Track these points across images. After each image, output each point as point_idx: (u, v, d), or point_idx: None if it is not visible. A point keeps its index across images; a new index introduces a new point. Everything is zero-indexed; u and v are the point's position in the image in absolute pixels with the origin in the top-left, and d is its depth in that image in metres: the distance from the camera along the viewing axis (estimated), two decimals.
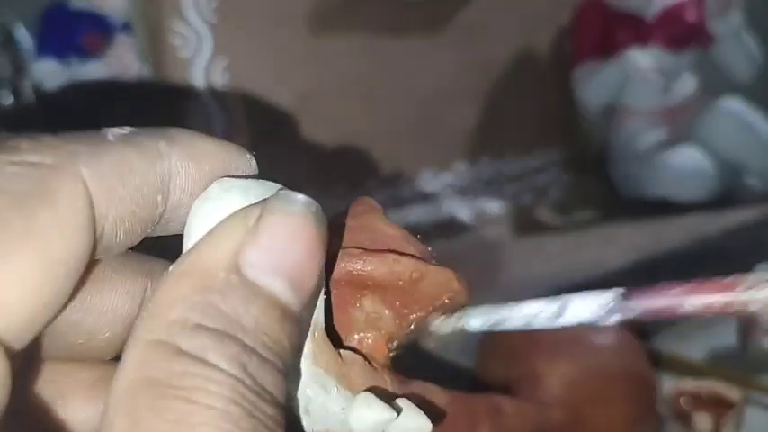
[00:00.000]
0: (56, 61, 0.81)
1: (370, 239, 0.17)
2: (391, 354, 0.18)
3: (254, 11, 0.72)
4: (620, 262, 0.70)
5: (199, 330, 0.11)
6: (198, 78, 0.70)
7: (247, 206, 0.13)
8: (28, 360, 0.13)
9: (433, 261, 0.18)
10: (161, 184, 0.13)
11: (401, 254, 0.17)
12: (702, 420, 0.46)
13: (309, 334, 0.15)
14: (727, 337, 0.67)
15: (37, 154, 0.12)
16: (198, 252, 0.12)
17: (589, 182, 0.95)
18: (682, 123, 0.91)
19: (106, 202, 0.13)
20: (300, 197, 0.14)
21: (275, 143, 0.73)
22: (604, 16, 0.92)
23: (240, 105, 0.72)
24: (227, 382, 0.11)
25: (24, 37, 0.85)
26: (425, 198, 0.83)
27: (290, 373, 0.13)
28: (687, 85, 0.92)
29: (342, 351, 0.16)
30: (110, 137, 0.13)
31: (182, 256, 0.13)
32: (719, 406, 0.47)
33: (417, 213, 0.81)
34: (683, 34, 0.90)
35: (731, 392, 0.48)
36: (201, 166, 0.14)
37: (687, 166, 0.86)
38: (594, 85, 0.91)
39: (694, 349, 0.67)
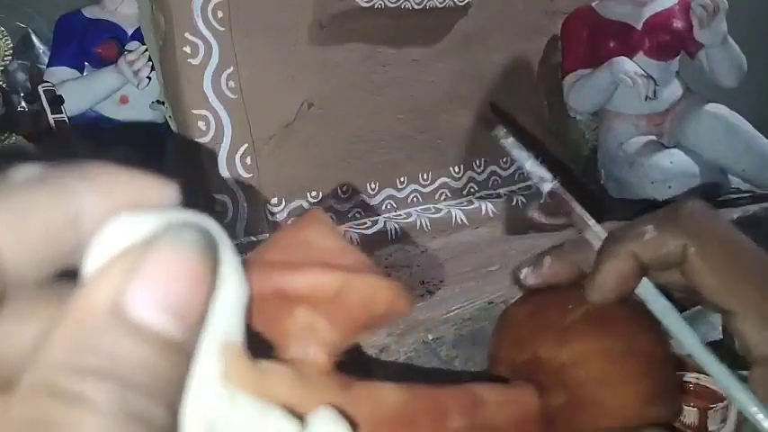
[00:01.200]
0: (70, 68, 0.82)
1: (304, 253, 0.18)
2: (334, 359, 0.18)
3: (260, 21, 0.74)
4: None
5: (79, 371, 0.12)
6: (206, 85, 0.72)
7: (133, 244, 0.13)
8: None
9: (374, 272, 0.18)
10: (69, 221, 0.13)
11: (332, 266, 0.17)
12: (689, 414, 0.46)
13: (216, 354, 0.14)
14: (712, 332, 0.69)
15: None
16: (81, 294, 0.12)
17: (579, 183, 0.97)
18: (668, 127, 0.93)
19: (9, 242, 0.13)
20: (186, 232, 0.13)
21: (279, 147, 0.75)
22: (594, 24, 0.94)
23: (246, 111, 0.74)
24: (105, 419, 0.11)
25: (40, 44, 0.87)
26: (423, 199, 0.85)
27: (179, 401, 0.13)
28: (674, 90, 0.95)
29: (265, 363, 0.16)
30: (16, 178, 0.13)
31: (68, 299, 0.13)
32: (705, 400, 0.47)
33: (416, 214, 0.83)
34: (670, 42, 0.92)
35: (717, 386, 0.46)
36: (115, 200, 0.14)
37: (674, 167, 0.88)
38: (584, 91, 0.93)
39: (680, 344, 0.69)
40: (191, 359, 0.13)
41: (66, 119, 0.78)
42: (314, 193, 0.77)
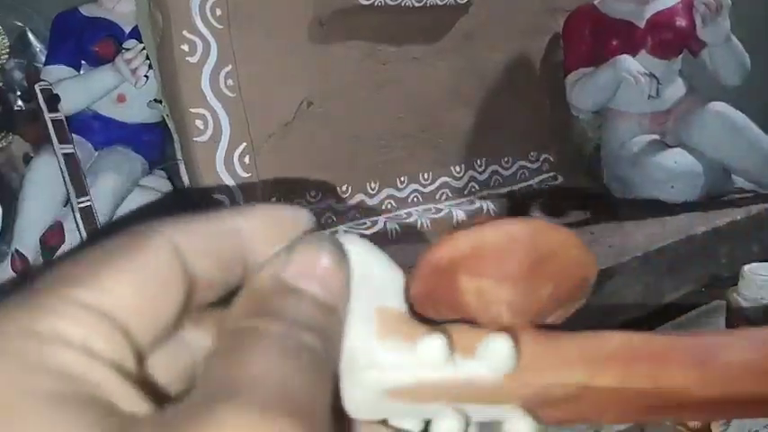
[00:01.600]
0: (67, 67, 0.81)
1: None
2: (528, 318, 0.19)
3: (259, 19, 0.73)
4: (612, 261, 0.71)
5: (255, 315, 0.17)
6: (204, 83, 0.71)
7: (285, 246, 0.19)
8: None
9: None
10: (237, 248, 0.19)
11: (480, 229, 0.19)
12: None
13: (370, 318, 0.19)
14: None
15: (145, 227, 0.18)
16: (253, 275, 0.18)
17: (581, 183, 0.96)
18: (672, 126, 0.93)
19: (193, 260, 0.17)
20: (320, 237, 0.19)
21: (278, 146, 0.74)
22: (596, 22, 0.94)
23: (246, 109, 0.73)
24: (278, 344, 0.16)
25: (37, 43, 0.86)
26: (424, 199, 0.84)
27: (334, 344, 0.18)
28: (677, 89, 0.94)
29: (445, 325, 0.19)
30: (195, 218, 0.19)
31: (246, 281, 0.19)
32: None
33: (416, 213, 0.82)
34: (673, 40, 0.92)
35: None
36: (268, 229, 0.19)
37: (677, 167, 0.88)
38: (587, 90, 0.92)
39: None
40: (340, 317, 0.18)
41: (62, 118, 0.77)
42: (313, 193, 0.77)
